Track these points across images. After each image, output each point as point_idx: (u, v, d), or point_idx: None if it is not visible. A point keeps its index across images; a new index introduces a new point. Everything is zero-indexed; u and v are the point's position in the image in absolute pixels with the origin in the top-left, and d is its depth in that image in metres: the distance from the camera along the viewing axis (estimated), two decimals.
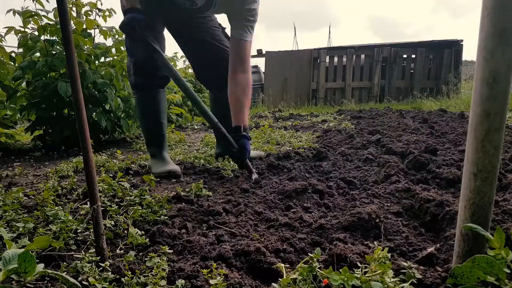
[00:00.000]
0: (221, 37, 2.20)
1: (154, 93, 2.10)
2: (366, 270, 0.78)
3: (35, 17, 2.69)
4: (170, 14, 2.02)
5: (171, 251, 1.01)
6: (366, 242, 1.04)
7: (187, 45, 2.22)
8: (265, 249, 0.95)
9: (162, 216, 1.27)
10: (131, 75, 2.06)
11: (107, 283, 0.83)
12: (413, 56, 7.59)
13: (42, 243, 0.85)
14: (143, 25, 1.78)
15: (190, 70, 6.10)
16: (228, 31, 2.08)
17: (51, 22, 2.75)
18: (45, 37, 2.78)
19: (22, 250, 0.70)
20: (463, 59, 7.80)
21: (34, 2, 2.70)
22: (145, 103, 2.13)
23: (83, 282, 0.84)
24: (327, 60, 7.70)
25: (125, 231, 1.16)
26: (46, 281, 0.88)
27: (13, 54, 2.94)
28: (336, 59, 7.75)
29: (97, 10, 2.97)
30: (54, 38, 2.81)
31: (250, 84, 2.02)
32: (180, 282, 0.83)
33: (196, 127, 4.74)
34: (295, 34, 15.10)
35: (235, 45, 1.97)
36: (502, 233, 0.68)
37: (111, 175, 1.81)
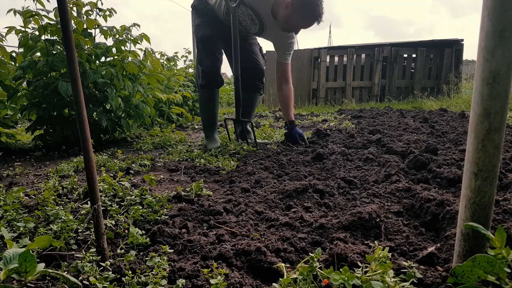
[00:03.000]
0: (258, 54, 2.99)
1: (212, 91, 2.89)
2: (366, 269, 0.78)
3: (36, 16, 2.69)
4: (227, 34, 2.72)
5: (172, 250, 1.01)
6: (366, 242, 1.04)
7: (230, 52, 2.83)
8: (265, 248, 0.95)
9: (163, 216, 1.27)
10: (199, 78, 2.87)
11: (108, 283, 0.83)
12: (414, 55, 7.59)
13: (43, 243, 0.85)
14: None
15: (190, 70, 6.11)
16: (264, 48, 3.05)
17: (51, 22, 2.75)
18: (46, 37, 2.78)
19: (23, 249, 0.70)
20: (464, 58, 7.80)
21: (35, 2, 2.70)
22: (205, 98, 2.94)
23: (83, 281, 0.84)
24: (328, 59, 7.69)
25: (126, 231, 1.16)
26: (47, 281, 0.88)
27: (13, 54, 2.94)
28: (336, 58, 7.75)
29: (97, 10, 2.97)
30: (54, 37, 2.81)
31: (292, 91, 2.93)
32: (181, 281, 0.83)
33: (196, 126, 4.74)
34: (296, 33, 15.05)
35: (280, 66, 2.84)
36: (503, 233, 0.68)
37: (112, 175, 1.82)
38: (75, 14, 2.92)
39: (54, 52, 2.79)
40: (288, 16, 2.39)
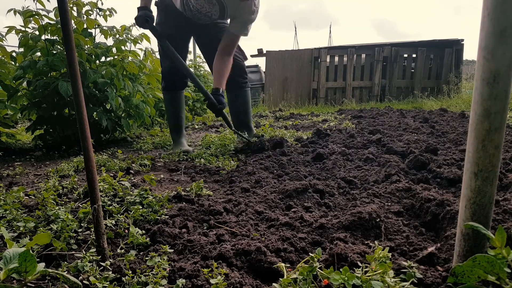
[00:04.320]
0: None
1: (174, 94, 2.80)
2: (366, 269, 0.78)
3: (36, 16, 2.69)
4: (195, 30, 2.68)
5: (172, 250, 1.01)
6: (366, 242, 1.04)
7: (207, 53, 2.81)
8: (265, 248, 0.95)
9: (163, 216, 1.27)
10: (162, 80, 2.82)
11: (108, 283, 0.83)
12: (414, 55, 7.58)
13: (43, 240, 0.85)
14: (153, 21, 2.45)
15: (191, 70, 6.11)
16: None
17: (51, 22, 2.75)
18: (46, 37, 2.78)
19: (23, 249, 0.70)
20: (464, 58, 7.79)
21: (35, 1, 2.70)
22: (168, 101, 2.83)
23: (84, 281, 0.84)
24: (328, 59, 7.69)
25: (126, 231, 1.16)
26: (46, 281, 0.88)
27: (14, 54, 2.94)
28: (336, 58, 7.75)
29: (97, 10, 2.97)
30: (54, 37, 2.81)
31: (230, 64, 2.65)
32: (181, 281, 0.83)
33: (196, 126, 4.74)
34: (296, 33, 15.13)
35: (229, 36, 2.57)
36: (504, 232, 0.68)
37: (112, 175, 1.82)
38: (75, 14, 2.92)
39: (54, 52, 2.79)
40: None
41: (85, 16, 2.90)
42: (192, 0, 2.41)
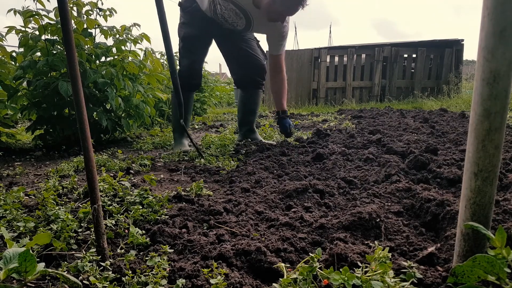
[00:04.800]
0: (255, 47, 2.85)
1: (187, 94, 2.71)
2: (366, 269, 0.78)
3: (36, 16, 2.69)
4: (218, 34, 2.75)
5: (172, 250, 1.01)
6: (366, 242, 1.04)
7: (226, 50, 2.86)
8: (265, 248, 0.95)
9: (163, 216, 1.27)
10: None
11: (108, 283, 0.83)
12: (414, 55, 7.59)
13: (43, 240, 0.85)
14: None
15: None
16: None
17: (52, 22, 2.75)
18: (46, 37, 2.78)
19: (23, 249, 0.70)
20: (464, 58, 7.80)
21: (35, 1, 2.71)
22: (173, 100, 2.77)
23: (84, 281, 0.84)
24: (328, 59, 7.70)
25: (126, 231, 1.16)
26: (46, 280, 0.88)
27: (14, 54, 2.94)
28: (336, 58, 7.75)
29: (97, 10, 2.97)
30: (55, 37, 2.81)
31: (285, 81, 2.88)
32: (181, 281, 0.83)
33: (196, 126, 4.74)
34: (296, 33, 15.14)
35: (272, 58, 2.77)
36: (504, 232, 0.68)
37: (112, 175, 1.82)
38: (75, 14, 2.92)
39: (54, 52, 2.79)
40: (269, 3, 2.26)
41: (85, 16, 2.90)
42: (220, 7, 2.46)
